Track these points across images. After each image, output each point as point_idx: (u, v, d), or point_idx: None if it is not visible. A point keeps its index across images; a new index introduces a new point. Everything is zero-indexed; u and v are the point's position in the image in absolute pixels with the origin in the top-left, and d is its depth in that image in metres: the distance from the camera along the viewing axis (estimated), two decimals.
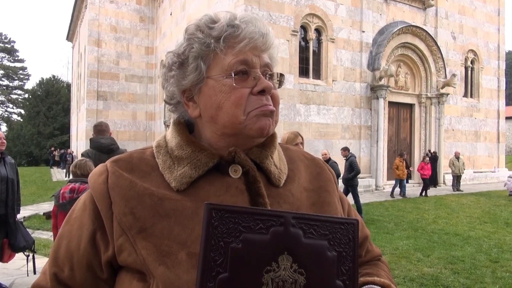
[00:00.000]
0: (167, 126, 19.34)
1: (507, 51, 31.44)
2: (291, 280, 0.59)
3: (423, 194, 13.03)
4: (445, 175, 16.07)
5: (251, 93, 0.76)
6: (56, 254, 0.78)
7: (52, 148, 32.34)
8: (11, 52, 50.54)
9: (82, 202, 0.80)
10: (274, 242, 0.60)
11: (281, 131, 9.38)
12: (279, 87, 0.84)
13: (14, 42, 51.04)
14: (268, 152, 0.82)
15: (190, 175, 0.76)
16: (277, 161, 0.84)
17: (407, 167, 13.38)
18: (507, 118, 22.30)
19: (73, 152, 25.48)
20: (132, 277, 0.71)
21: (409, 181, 15.91)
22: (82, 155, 4.32)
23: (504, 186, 13.68)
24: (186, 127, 0.85)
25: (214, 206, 0.60)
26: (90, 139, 4.57)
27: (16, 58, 51.34)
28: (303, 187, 0.85)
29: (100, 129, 4.55)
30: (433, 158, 15.41)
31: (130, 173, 0.77)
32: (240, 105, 0.75)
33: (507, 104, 26.68)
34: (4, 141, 3.93)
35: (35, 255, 4.06)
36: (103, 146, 4.37)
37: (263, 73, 0.79)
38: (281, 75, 0.84)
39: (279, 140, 0.92)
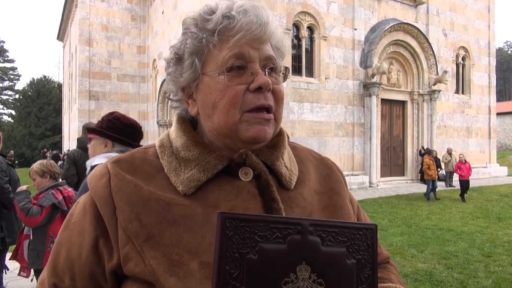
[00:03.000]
0: (160, 125, 19.25)
1: (497, 48, 31.74)
2: None
3: (462, 198, 11.24)
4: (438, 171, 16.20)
5: (247, 90, 0.71)
6: (55, 263, 0.73)
7: (45, 149, 32.05)
8: (0, 52, 49.97)
9: (81, 206, 0.74)
10: (292, 252, 0.57)
11: None
12: (284, 81, 0.78)
13: (3, 42, 50.60)
14: (279, 153, 0.78)
15: (198, 179, 0.71)
16: (288, 162, 0.80)
17: (438, 166, 11.89)
18: (498, 114, 22.53)
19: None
20: None
21: (403, 177, 16.06)
22: (68, 155, 4.31)
23: None
24: (191, 125, 0.80)
25: (228, 215, 0.56)
26: (77, 139, 4.55)
27: (6, 58, 50.80)
28: (313, 189, 0.81)
29: (87, 129, 4.55)
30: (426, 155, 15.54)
31: (133, 175, 0.72)
32: (235, 104, 0.70)
33: (498, 100, 26.96)
34: None
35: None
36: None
37: (264, 66, 0.73)
38: (286, 68, 0.78)
39: None
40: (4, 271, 4.01)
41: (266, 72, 0.73)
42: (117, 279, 0.70)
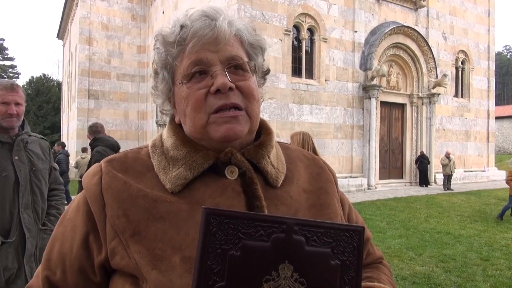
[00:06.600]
0: (159, 125, 19.23)
1: (496, 52, 31.83)
2: None
3: None
4: (436, 175, 16.22)
5: (209, 92, 0.72)
6: (49, 257, 0.76)
7: None
8: (0, 50, 49.89)
9: (75, 204, 0.77)
10: (275, 250, 0.57)
11: (275, 131, 9.36)
12: (252, 75, 0.77)
13: (3, 40, 50.39)
14: (265, 151, 0.79)
15: (185, 177, 0.73)
16: (275, 160, 0.81)
17: None
18: (496, 118, 22.59)
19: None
20: (125, 281, 0.69)
21: (401, 180, 16.07)
22: (99, 151, 4.40)
23: None
24: (182, 127, 0.82)
25: (212, 211, 0.57)
26: (97, 138, 4.69)
27: (6, 56, 50.68)
28: (302, 188, 0.82)
29: (96, 130, 4.83)
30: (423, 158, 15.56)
31: (124, 173, 0.74)
32: (199, 109, 0.73)
33: (497, 104, 27.02)
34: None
35: None
36: (115, 145, 4.72)
37: (227, 67, 0.73)
38: (254, 64, 0.78)
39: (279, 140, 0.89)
40: None
41: (226, 73, 0.73)
42: (106, 273, 0.73)
